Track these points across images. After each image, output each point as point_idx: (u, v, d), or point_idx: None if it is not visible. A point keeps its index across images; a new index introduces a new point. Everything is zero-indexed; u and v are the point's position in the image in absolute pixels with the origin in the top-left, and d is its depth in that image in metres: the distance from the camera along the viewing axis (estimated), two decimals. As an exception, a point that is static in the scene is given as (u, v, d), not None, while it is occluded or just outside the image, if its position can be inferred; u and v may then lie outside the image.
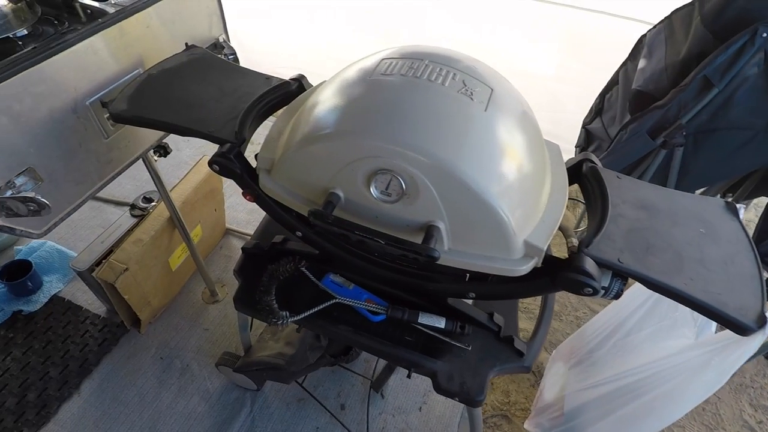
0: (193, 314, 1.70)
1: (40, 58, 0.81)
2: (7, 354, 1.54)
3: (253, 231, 1.97)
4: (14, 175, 0.84)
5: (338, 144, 0.67)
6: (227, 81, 0.96)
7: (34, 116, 0.84)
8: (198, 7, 1.13)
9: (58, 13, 1.11)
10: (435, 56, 0.73)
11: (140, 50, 1.02)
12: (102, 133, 0.99)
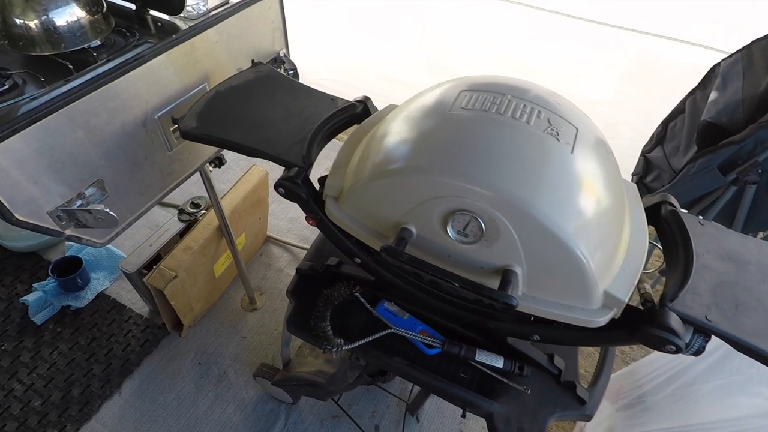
0: (231, 321, 1.71)
1: (118, 74, 0.83)
2: (54, 348, 1.58)
3: (293, 239, 2.00)
4: (85, 187, 0.85)
5: (415, 180, 0.65)
6: (293, 100, 0.95)
7: (107, 129, 0.85)
8: (263, 22, 1.13)
9: (129, 24, 1.13)
10: (517, 90, 0.70)
11: (207, 65, 1.02)
12: (166, 145, 1.00)
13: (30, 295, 1.66)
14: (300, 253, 1.95)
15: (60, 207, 0.82)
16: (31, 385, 1.50)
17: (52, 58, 1.00)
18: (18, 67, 1.02)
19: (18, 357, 1.56)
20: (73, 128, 0.79)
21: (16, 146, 0.71)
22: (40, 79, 0.96)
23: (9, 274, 1.77)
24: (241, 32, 1.07)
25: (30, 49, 0.98)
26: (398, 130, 0.73)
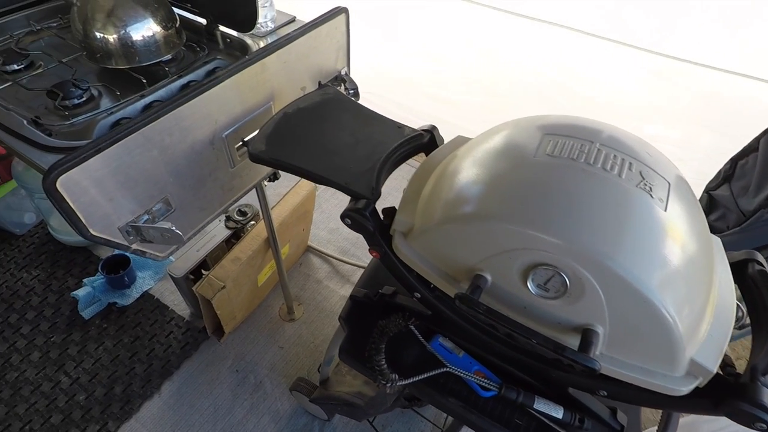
0: (269, 330, 1.72)
1: (194, 94, 0.83)
2: (100, 344, 1.62)
3: (333, 250, 2.00)
4: (154, 204, 0.87)
5: (496, 229, 0.62)
6: (360, 126, 0.94)
7: (178, 148, 0.86)
8: (330, 41, 1.13)
9: (198, 39, 1.15)
10: (606, 138, 0.67)
11: (274, 84, 1.03)
12: (230, 162, 1.01)
13: (80, 290, 1.71)
14: (339, 266, 1.94)
15: (129, 223, 0.83)
16: (77, 379, 1.54)
17: (126, 71, 1.02)
18: (93, 77, 1.05)
19: (66, 350, 1.60)
20: (149, 147, 0.80)
21: (97, 165, 0.72)
22: (115, 93, 0.98)
23: (61, 267, 1.83)
24: (308, 52, 1.07)
25: (106, 61, 1.01)
26: (474, 170, 0.70)
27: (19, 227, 1.93)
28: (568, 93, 1.96)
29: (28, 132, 0.82)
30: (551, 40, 1.90)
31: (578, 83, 1.93)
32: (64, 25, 1.19)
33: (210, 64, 1.06)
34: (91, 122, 0.89)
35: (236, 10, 1.05)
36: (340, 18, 1.12)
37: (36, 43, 1.14)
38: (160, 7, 1.02)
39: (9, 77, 1.01)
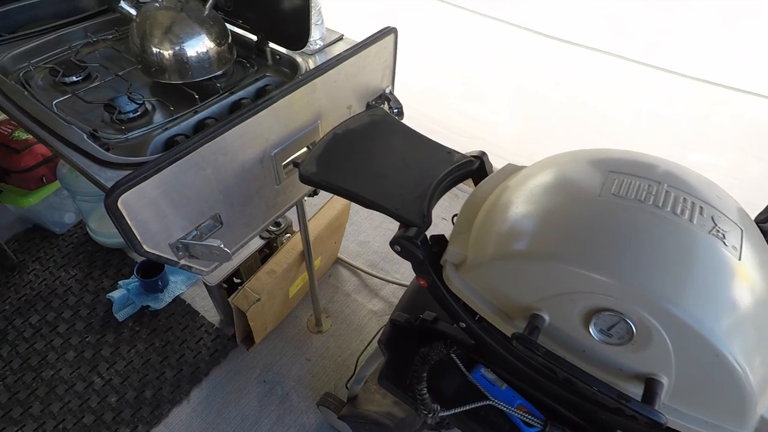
0: (297, 341, 1.72)
1: (249, 114, 0.84)
2: (132, 346, 1.65)
3: (362, 263, 2.00)
4: (203, 221, 0.87)
5: (559, 270, 0.61)
6: (409, 149, 0.93)
7: (230, 167, 0.87)
8: (378, 60, 1.13)
9: (248, 54, 1.16)
10: (673, 179, 0.65)
11: (323, 102, 1.03)
12: (276, 180, 1.01)
13: (115, 292, 1.75)
14: (368, 279, 1.94)
15: (180, 239, 0.84)
16: (109, 381, 1.56)
17: (179, 86, 1.04)
18: (147, 91, 1.07)
19: (99, 350, 1.63)
20: (203, 166, 0.80)
21: (155, 184, 0.73)
22: (169, 108, 1.00)
23: (97, 268, 1.88)
24: (356, 71, 1.07)
25: (160, 76, 1.03)
26: (531, 204, 0.69)
27: (59, 226, 1.99)
28: (603, 118, 1.92)
29: (87, 146, 0.83)
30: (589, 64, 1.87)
31: (616, 109, 1.89)
32: (118, 38, 1.22)
33: (260, 81, 1.07)
34: (146, 138, 0.91)
35: (289, 28, 1.06)
36: (389, 38, 1.12)
37: (92, 54, 1.17)
38: (214, 24, 1.03)
39: (68, 89, 1.04)
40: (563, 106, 2.06)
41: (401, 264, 2.00)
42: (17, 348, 1.63)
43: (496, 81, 2.25)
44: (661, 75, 1.71)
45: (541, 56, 1.99)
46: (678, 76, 1.69)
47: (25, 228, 2.01)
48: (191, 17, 1.00)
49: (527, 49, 1.99)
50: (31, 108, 0.91)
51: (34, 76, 1.07)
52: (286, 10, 1.03)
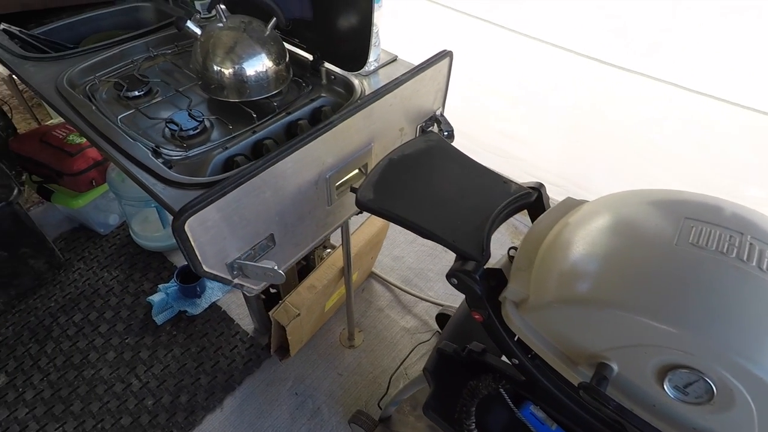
0: (329, 355, 1.72)
1: (310, 138, 0.84)
2: (169, 350, 1.68)
3: (396, 279, 1.99)
4: (258, 242, 0.88)
5: (630, 321, 0.58)
6: (465, 178, 0.92)
7: (287, 189, 0.87)
8: (432, 83, 1.13)
9: (302, 73, 1.17)
10: (757, 230, 0.61)
11: (378, 125, 1.03)
12: (328, 201, 1.01)
13: (155, 296, 1.78)
14: (401, 295, 1.93)
15: (236, 259, 0.85)
16: (146, 383, 1.59)
17: (237, 104, 1.05)
18: (205, 107, 1.09)
19: (138, 353, 1.67)
20: (264, 189, 0.81)
21: (219, 207, 0.74)
22: (227, 126, 1.01)
23: (138, 270, 1.92)
24: (412, 94, 1.07)
25: (219, 93, 1.05)
26: (600, 246, 0.67)
27: (103, 227, 2.05)
28: (651, 147, 1.87)
29: (152, 164, 0.85)
30: (638, 91, 1.83)
31: (665, 138, 1.83)
32: (177, 52, 1.25)
33: (315, 102, 1.08)
34: (206, 157, 0.92)
35: (347, 49, 1.07)
36: (444, 61, 1.11)
37: (152, 68, 1.20)
38: (274, 44, 1.05)
39: (131, 103, 1.07)
40: (609, 131, 2.02)
41: (435, 281, 1.98)
42: (61, 345, 1.68)
43: (537, 101, 2.22)
44: (715, 103, 1.66)
45: (588, 79, 1.95)
46: (733, 105, 1.63)
47: (71, 227, 2.08)
48: (253, 37, 1.01)
49: (573, 70, 1.96)
50: (99, 123, 0.94)
51: (98, 89, 1.11)
52: (346, 32, 1.04)
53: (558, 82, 2.10)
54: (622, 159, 2.03)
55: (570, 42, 1.90)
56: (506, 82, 2.24)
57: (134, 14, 1.53)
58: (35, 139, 1.82)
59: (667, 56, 1.68)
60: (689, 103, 1.70)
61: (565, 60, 1.97)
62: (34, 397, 1.54)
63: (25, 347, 1.67)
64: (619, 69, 1.83)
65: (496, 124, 2.37)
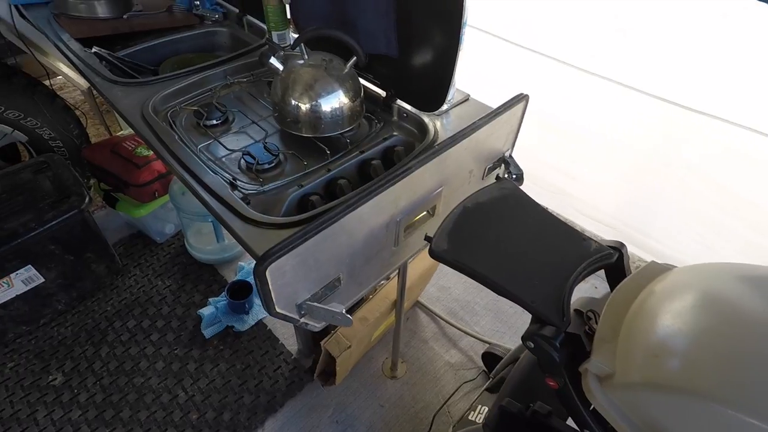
0: (371, 384, 1.70)
1: (389, 183, 0.84)
2: (215, 365, 1.70)
3: (441, 310, 1.95)
4: (327, 283, 0.88)
5: (736, 420, 0.54)
6: (542, 232, 0.89)
7: (361, 232, 0.87)
8: (505, 127, 1.10)
9: (373, 109, 1.18)
10: None
11: (451, 168, 1.01)
12: (395, 242, 1.00)
13: (205, 309, 1.82)
14: (446, 327, 1.89)
15: (305, 301, 0.85)
16: (191, 396, 1.62)
17: (310, 139, 1.06)
18: (277, 137, 1.11)
19: (186, 365, 1.70)
20: (340, 233, 0.81)
21: (299, 251, 0.74)
22: (301, 162, 1.02)
23: (190, 281, 1.97)
24: (485, 137, 1.05)
25: (293, 128, 1.06)
26: (693, 325, 0.62)
27: (159, 236, 2.12)
28: (722, 192, 1.77)
29: (231, 200, 0.87)
30: (708, 133, 1.74)
31: (737, 183, 1.73)
32: (252, 81, 1.28)
33: (387, 141, 1.08)
34: (282, 194, 0.93)
35: (425, 88, 1.06)
36: (520, 105, 1.09)
37: (228, 96, 1.24)
38: (351, 81, 1.05)
39: (209, 131, 1.10)
40: (673, 173, 1.93)
41: (482, 315, 1.94)
42: (115, 350, 1.73)
43: (593, 138, 2.15)
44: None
45: (652, 118, 1.88)
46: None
47: (130, 233, 2.16)
48: (332, 75, 1.02)
49: (635, 108, 1.89)
50: (181, 153, 0.97)
51: (178, 115, 1.14)
52: (426, 71, 1.03)
53: (618, 119, 2.03)
54: (687, 204, 1.94)
55: (631, 78, 1.84)
56: (560, 116, 2.19)
57: (210, 38, 1.59)
58: (107, 149, 1.91)
59: (741, 97, 1.59)
60: (765, 147, 1.61)
61: (626, 96, 1.90)
62: (87, 400, 1.59)
63: (82, 348, 1.74)
64: (686, 109, 1.76)
65: (548, 157, 2.31)
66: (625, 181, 2.11)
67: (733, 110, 1.63)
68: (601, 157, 2.16)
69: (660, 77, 1.77)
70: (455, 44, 0.91)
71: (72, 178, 1.75)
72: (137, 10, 1.53)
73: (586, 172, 2.24)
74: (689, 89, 1.70)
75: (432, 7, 0.93)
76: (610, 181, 2.16)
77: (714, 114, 1.69)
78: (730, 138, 1.68)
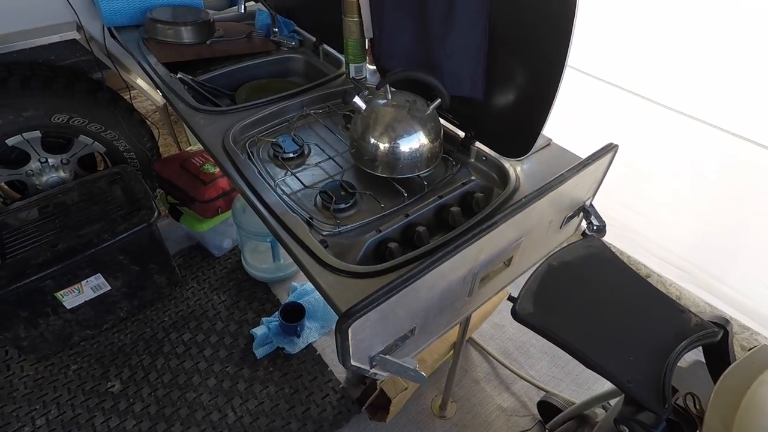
0: (419, 422, 1.64)
1: (473, 240, 0.80)
2: (264, 387, 1.71)
3: (494, 349, 1.88)
4: (401, 335, 0.85)
5: None
6: (634, 299, 0.83)
7: (440, 286, 0.84)
8: (590, 177, 1.04)
9: (450, 149, 1.15)
10: None
11: (532, 220, 0.96)
12: (469, 292, 0.96)
13: (257, 328, 1.83)
14: (499, 368, 1.81)
15: (379, 353, 0.82)
16: (240, 417, 1.63)
17: (386, 179, 1.05)
18: (351, 173, 1.10)
19: (236, 384, 1.71)
20: (421, 289, 0.78)
21: (382, 308, 0.72)
22: (378, 204, 1.00)
23: (244, 298, 2.00)
24: (571, 188, 1.00)
25: (370, 166, 1.05)
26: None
27: (217, 250, 2.16)
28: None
29: (310, 242, 0.86)
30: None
31: None
32: (327, 113, 1.28)
33: (466, 185, 1.04)
34: (359, 239, 0.92)
35: (510, 133, 1.02)
36: (609, 156, 1.03)
37: (303, 127, 1.24)
38: (433, 123, 1.03)
39: (286, 164, 1.10)
40: (758, 217, 1.79)
41: (537, 359, 1.85)
42: (170, 362, 1.77)
43: (666, 174, 2.03)
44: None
45: (736, 157, 1.75)
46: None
47: (189, 245, 2.22)
48: (414, 117, 1.00)
49: (715, 146, 1.77)
50: (260, 187, 0.97)
51: (256, 144, 1.16)
52: (514, 115, 0.99)
53: (695, 156, 1.91)
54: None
55: (713, 115, 1.73)
56: (628, 150, 2.08)
57: (285, 64, 1.62)
58: (176, 163, 1.98)
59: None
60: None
61: (706, 133, 1.79)
62: (142, 411, 1.63)
63: (139, 357, 1.79)
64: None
65: (614, 192, 2.21)
66: (701, 221, 1.98)
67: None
68: (675, 195, 2.04)
69: (746, 115, 1.65)
70: (552, 93, 0.87)
71: (143, 190, 1.82)
72: (219, 36, 1.59)
73: (657, 209, 2.12)
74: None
75: (530, 53, 0.89)
76: (682, 220, 2.03)
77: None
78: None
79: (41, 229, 1.69)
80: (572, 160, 1.11)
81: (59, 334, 1.74)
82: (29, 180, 1.99)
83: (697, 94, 1.76)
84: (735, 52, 1.59)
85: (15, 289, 1.50)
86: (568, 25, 0.79)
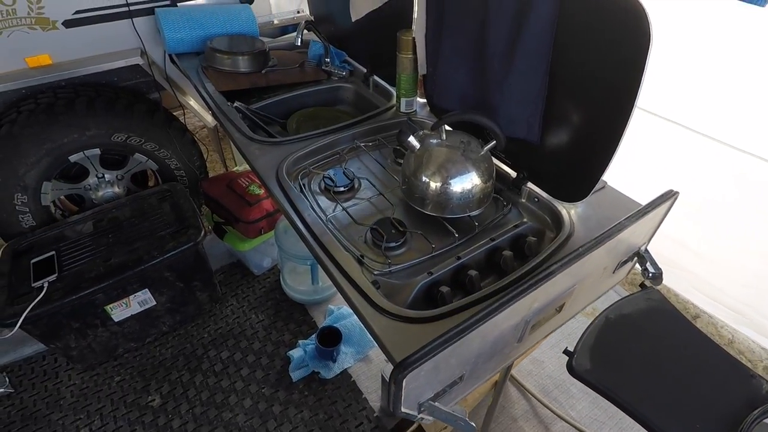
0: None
1: (528, 291, 0.78)
2: (299, 411, 1.71)
3: (533, 386, 1.82)
4: (451, 382, 0.83)
5: None
6: (699, 360, 0.79)
7: (492, 334, 0.82)
8: (647, 223, 1.01)
9: (500, 188, 1.14)
10: None
11: (587, 268, 0.94)
12: (519, 338, 0.94)
13: (294, 351, 1.85)
14: (538, 406, 1.76)
15: (428, 400, 0.81)
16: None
17: (436, 218, 1.04)
18: (400, 209, 1.10)
19: (271, 406, 1.72)
20: (474, 338, 0.77)
21: (437, 359, 0.71)
22: (429, 244, 1.00)
23: (281, 319, 2.02)
24: (629, 235, 0.97)
25: (420, 204, 1.05)
26: None
27: (257, 268, 2.20)
28: None
29: (363, 283, 0.86)
30: None
31: None
32: (377, 146, 1.29)
33: (519, 228, 1.03)
34: (409, 281, 0.91)
35: (566, 176, 1.00)
36: (668, 203, 1.00)
37: (352, 159, 1.26)
38: (486, 164, 1.03)
39: (336, 197, 1.12)
40: None
41: (578, 398, 1.78)
42: (208, 380, 1.80)
43: (723, 211, 1.94)
44: None
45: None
46: None
47: (230, 262, 2.27)
48: (468, 158, 1.00)
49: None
50: (311, 220, 0.99)
51: (308, 176, 1.18)
52: (568, 159, 0.98)
53: (754, 192, 1.83)
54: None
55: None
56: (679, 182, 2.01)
57: (335, 92, 1.66)
58: (223, 183, 2.04)
59: None
60: None
61: (762, 169, 1.71)
62: (180, 427, 1.66)
63: (179, 373, 1.83)
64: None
65: (666, 228, 2.13)
66: (759, 259, 1.88)
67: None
68: (729, 231, 1.95)
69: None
70: (617, 138, 0.85)
71: (191, 209, 1.88)
72: (273, 65, 1.64)
73: (709, 245, 2.03)
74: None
75: (594, 97, 0.88)
76: (738, 257, 1.93)
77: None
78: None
79: (95, 242, 1.76)
80: (629, 205, 1.09)
81: (106, 345, 1.80)
82: (86, 194, 2.09)
83: (754, 127, 1.69)
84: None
85: (70, 302, 1.57)
86: (638, 71, 0.78)
